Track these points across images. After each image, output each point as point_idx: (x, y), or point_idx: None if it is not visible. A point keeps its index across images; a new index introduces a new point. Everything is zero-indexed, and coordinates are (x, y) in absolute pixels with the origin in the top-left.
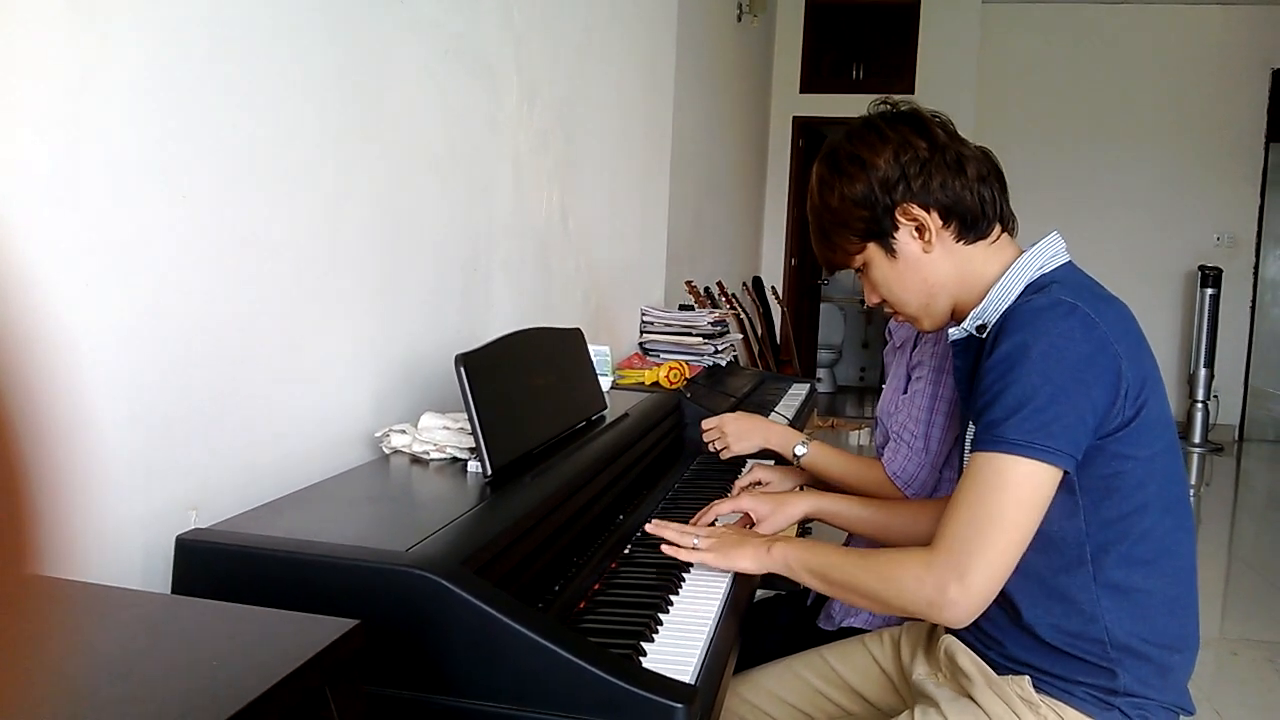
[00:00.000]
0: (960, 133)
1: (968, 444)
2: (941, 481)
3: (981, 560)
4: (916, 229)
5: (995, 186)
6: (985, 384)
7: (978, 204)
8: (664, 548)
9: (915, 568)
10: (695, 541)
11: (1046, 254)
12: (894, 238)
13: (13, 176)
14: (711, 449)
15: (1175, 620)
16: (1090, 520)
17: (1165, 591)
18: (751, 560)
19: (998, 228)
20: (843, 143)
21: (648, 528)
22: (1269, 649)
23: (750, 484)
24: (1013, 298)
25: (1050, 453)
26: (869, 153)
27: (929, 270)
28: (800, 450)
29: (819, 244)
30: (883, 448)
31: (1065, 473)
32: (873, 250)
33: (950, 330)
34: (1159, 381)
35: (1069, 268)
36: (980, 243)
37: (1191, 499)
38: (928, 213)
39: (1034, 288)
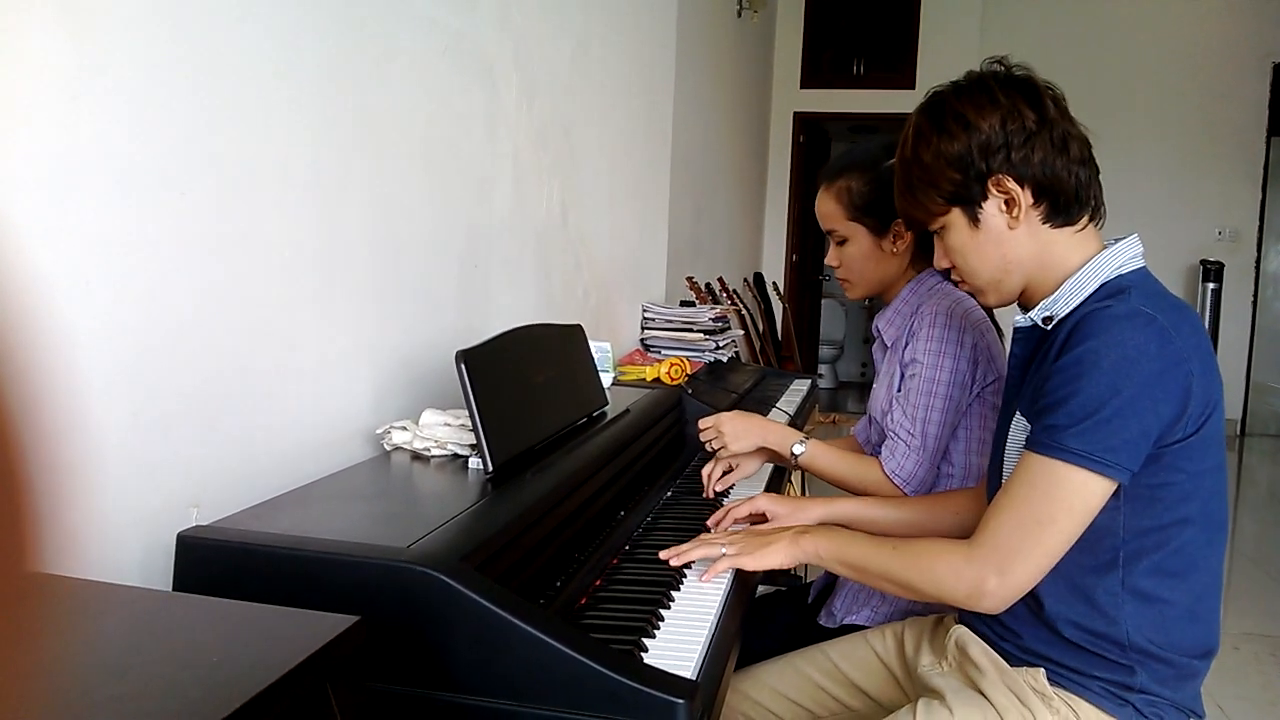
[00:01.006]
0: None
1: (1010, 439)
2: (940, 477)
3: (1024, 561)
4: (1006, 202)
5: (1093, 172)
6: (1052, 385)
7: (1074, 187)
8: (696, 567)
9: (955, 560)
10: (723, 550)
11: (1126, 254)
12: (981, 207)
13: (12, 176)
14: (708, 448)
15: (1193, 632)
16: (1129, 527)
17: (1188, 605)
18: (784, 555)
19: (1086, 217)
20: (950, 96)
21: (665, 555)
22: (1271, 643)
23: (751, 514)
24: (1085, 294)
25: (1109, 466)
26: (975, 113)
27: (1010, 246)
28: (798, 449)
29: (901, 197)
30: (876, 445)
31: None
32: (956, 215)
33: (1016, 318)
34: (1221, 400)
35: (1144, 273)
36: (1067, 229)
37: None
38: (1022, 187)
39: (1110, 289)
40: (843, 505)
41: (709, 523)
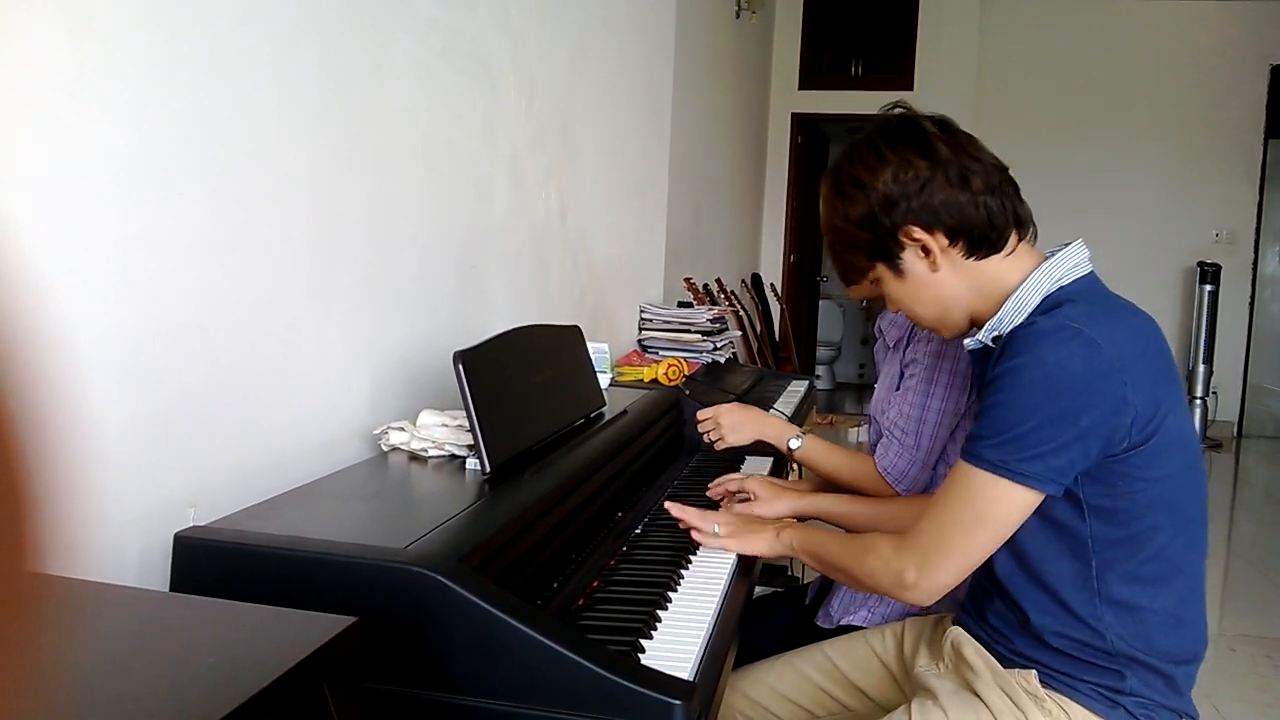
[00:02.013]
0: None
1: None
2: (936, 477)
3: (942, 560)
4: (921, 249)
5: (1006, 195)
6: (982, 396)
7: (985, 220)
8: (683, 524)
9: (885, 552)
10: (715, 528)
11: (1067, 265)
12: (900, 258)
13: (12, 176)
14: (706, 440)
15: (1176, 638)
16: (1096, 537)
17: (1170, 610)
18: (764, 545)
19: (1013, 237)
20: (844, 162)
21: (668, 505)
22: (1267, 645)
23: (738, 491)
24: (1028, 311)
25: (1024, 477)
26: (868, 174)
27: (939, 288)
28: (794, 444)
29: (833, 260)
30: (874, 444)
31: (1066, 493)
32: (881, 269)
33: (965, 341)
34: (1179, 401)
35: (1090, 279)
36: (994, 256)
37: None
38: (931, 234)
39: (1050, 303)
40: (814, 499)
41: (708, 489)
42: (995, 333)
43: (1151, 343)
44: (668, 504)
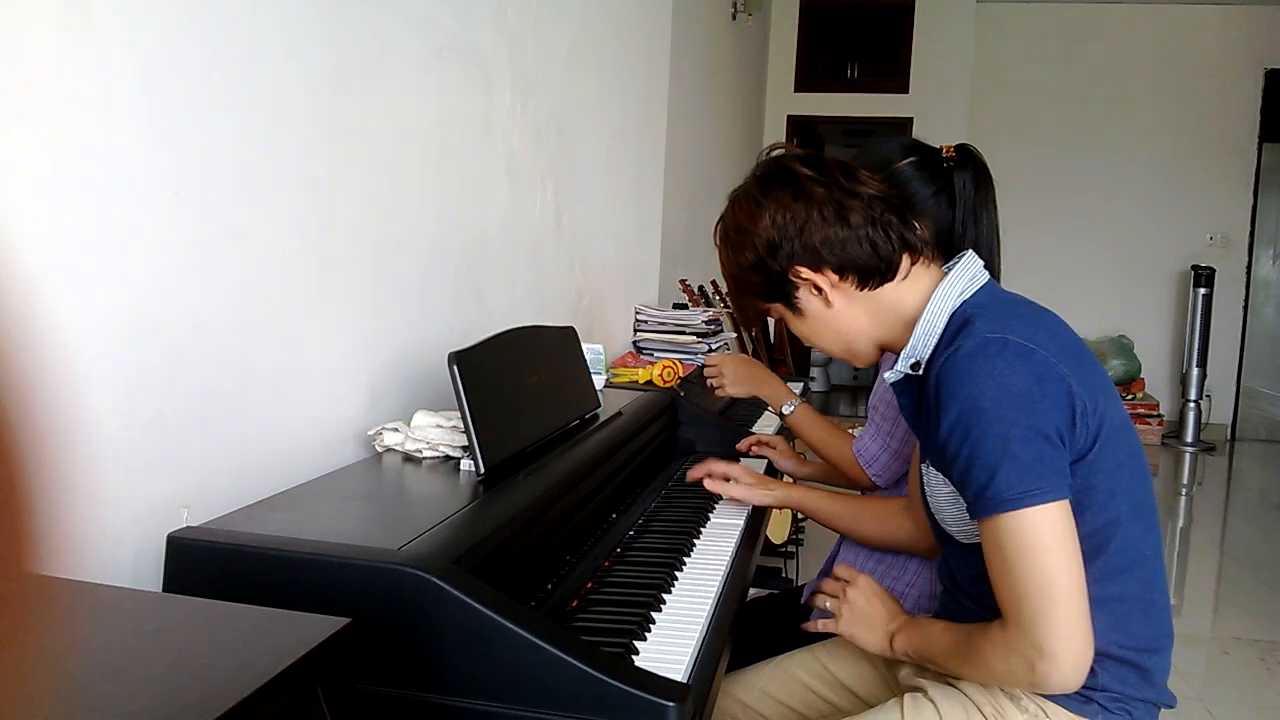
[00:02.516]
0: (953, 133)
1: (927, 487)
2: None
3: (1050, 628)
4: (813, 287)
5: (889, 226)
6: (951, 452)
7: (870, 253)
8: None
9: (1001, 651)
10: (829, 603)
11: (964, 279)
12: (795, 297)
13: (10, 176)
14: (708, 385)
15: (1149, 623)
16: None
17: (1139, 596)
18: (876, 645)
19: (906, 262)
20: (728, 212)
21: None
22: (1260, 647)
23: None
24: (939, 331)
25: (1045, 492)
26: (749, 222)
27: (838, 322)
28: (787, 409)
29: (734, 304)
30: None
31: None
32: (780, 309)
33: (886, 375)
34: (1109, 386)
35: (989, 288)
36: (887, 284)
37: (1183, 499)
38: (818, 272)
39: (958, 318)
40: (800, 494)
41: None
42: (914, 359)
43: (1066, 337)
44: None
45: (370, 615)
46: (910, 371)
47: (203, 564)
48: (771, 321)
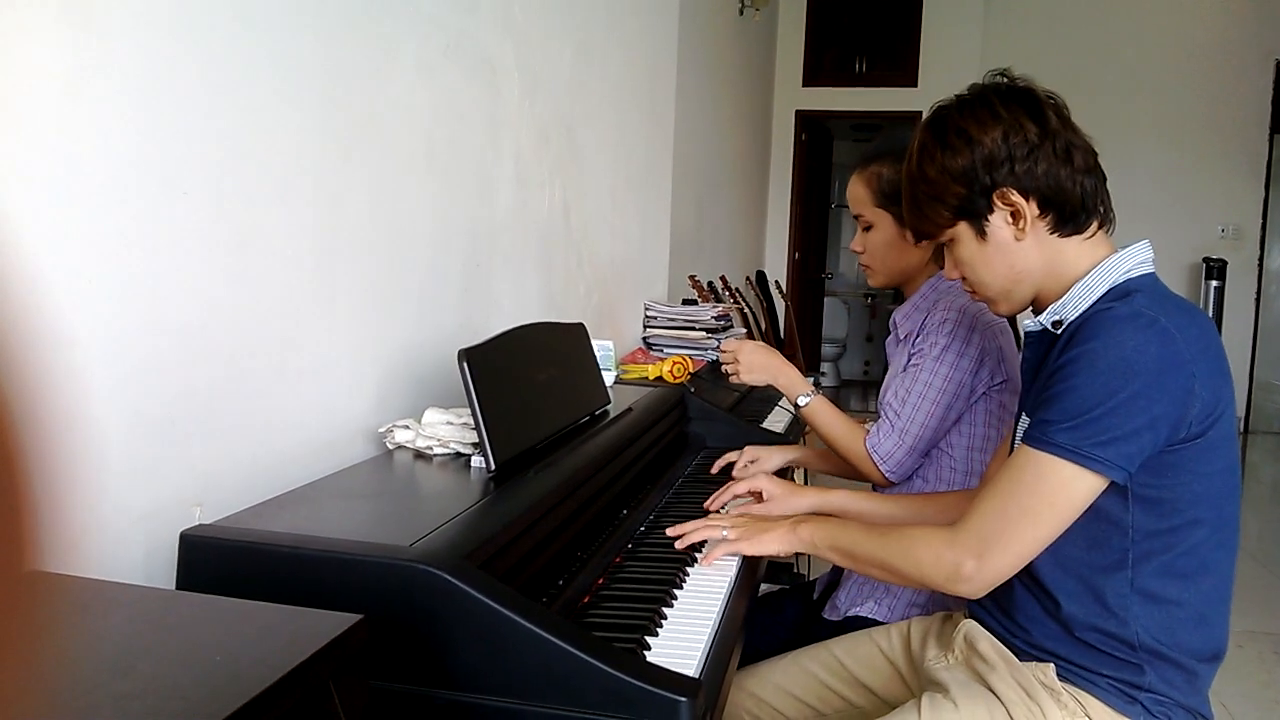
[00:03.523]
0: None
1: (1017, 436)
2: (926, 469)
3: (1003, 549)
4: (1012, 214)
5: (1099, 180)
6: (1051, 382)
7: (1079, 196)
8: (692, 547)
9: (936, 544)
10: (725, 533)
11: (1135, 259)
12: (987, 220)
13: (13, 176)
14: (723, 370)
15: (1200, 636)
16: (1137, 528)
17: (1197, 607)
18: (781, 542)
19: (1095, 223)
20: (952, 112)
21: (671, 533)
22: (1274, 640)
23: (747, 490)
24: (1094, 298)
25: (1097, 462)
26: (977, 128)
27: (1018, 257)
28: (802, 400)
29: (909, 211)
30: None
31: (1112, 482)
32: (963, 228)
33: (1025, 322)
34: (1231, 401)
35: (1153, 277)
36: (1075, 237)
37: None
38: (1026, 200)
39: (1117, 292)
40: (836, 495)
41: (706, 504)
42: (1057, 317)
43: (1213, 341)
44: (669, 531)
45: (382, 612)
46: (1049, 327)
47: (215, 562)
48: (781, 314)
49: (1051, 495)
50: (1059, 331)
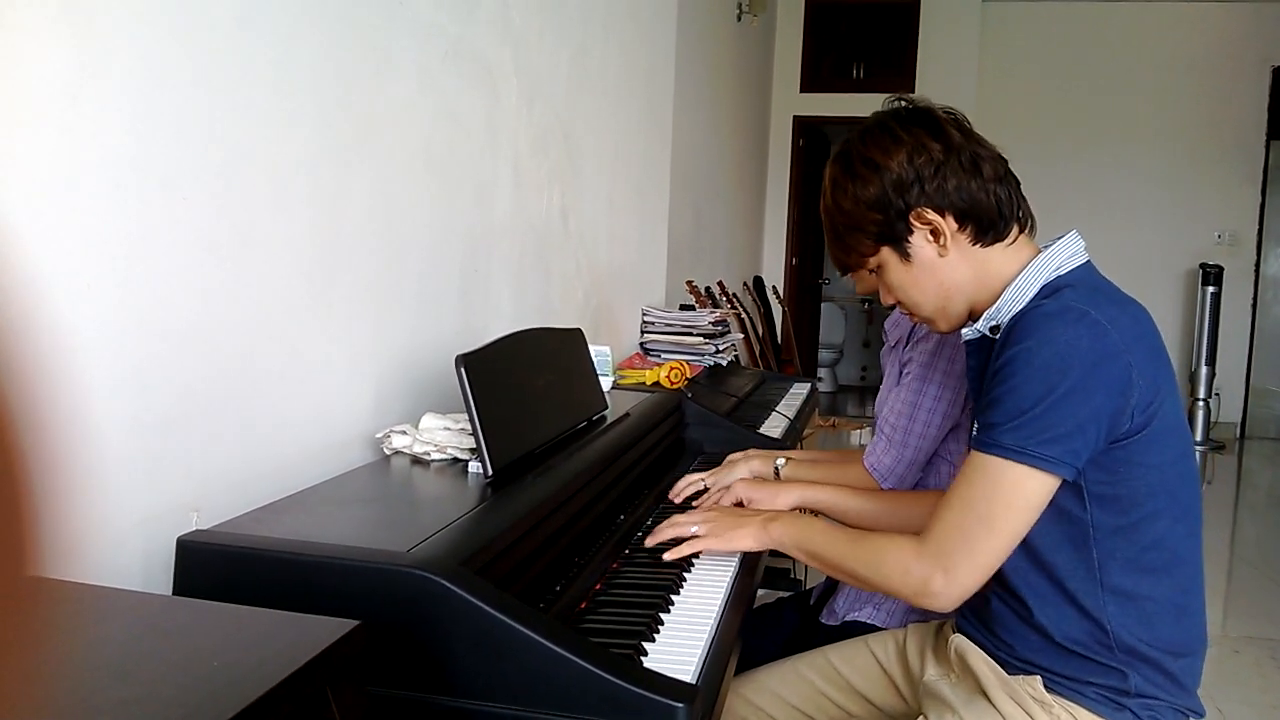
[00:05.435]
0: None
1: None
2: (933, 477)
3: (967, 559)
4: (931, 233)
5: (1012, 186)
6: (988, 386)
7: (994, 205)
8: (665, 547)
9: (904, 557)
10: (693, 529)
11: (1064, 254)
12: (908, 241)
13: (13, 177)
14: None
15: (1180, 628)
16: (1098, 526)
17: (1172, 599)
18: (751, 539)
19: (1015, 228)
20: (856, 143)
21: (648, 543)
22: (1271, 646)
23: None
24: (1027, 299)
25: (1044, 460)
26: (882, 155)
27: (945, 273)
28: (780, 464)
29: (832, 246)
30: None
31: (1066, 481)
32: (887, 254)
33: (963, 330)
34: (1174, 389)
35: (1086, 269)
36: (998, 244)
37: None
38: (943, 216)
39: (1049, 289)
40: (818, 492)
41: (671, 494)
42: (994, 322)
43: (1148, 329)
44: (646, 541)
45: (379, 618)
46: (988, 333)
47: (212, 567)
48: (778, 320)
49: (1006, 499)
50: (996, 336)
